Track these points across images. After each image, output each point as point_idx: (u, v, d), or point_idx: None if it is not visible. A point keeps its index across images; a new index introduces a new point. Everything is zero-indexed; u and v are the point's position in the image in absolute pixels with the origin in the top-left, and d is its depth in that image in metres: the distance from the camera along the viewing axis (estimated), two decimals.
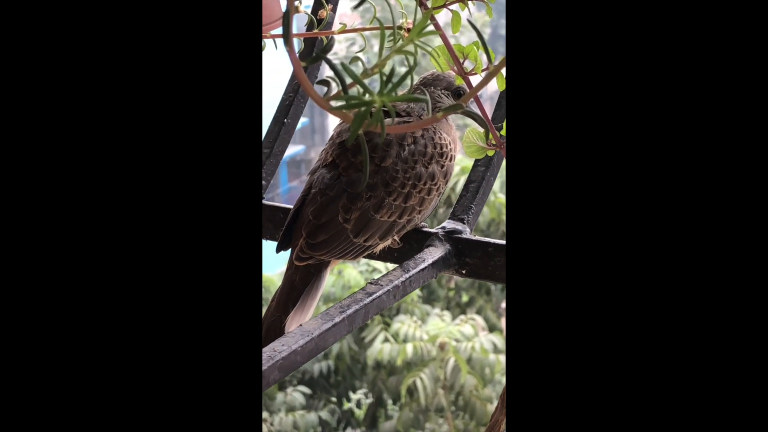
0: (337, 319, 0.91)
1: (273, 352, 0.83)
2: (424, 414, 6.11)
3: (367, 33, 1.04)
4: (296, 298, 1.02)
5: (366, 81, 0.69)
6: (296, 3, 1.16)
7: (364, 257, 1.08)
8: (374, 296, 0.95)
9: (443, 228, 1.08)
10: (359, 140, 0.66)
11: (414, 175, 1.02)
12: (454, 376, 6.00)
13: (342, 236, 1.01)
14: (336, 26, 1.11)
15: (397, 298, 0.99)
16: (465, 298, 6.90)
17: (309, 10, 1.16)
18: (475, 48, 0.91)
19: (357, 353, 6.48)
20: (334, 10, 1.21)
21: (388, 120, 0.79)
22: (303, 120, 1.27)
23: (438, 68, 0.95)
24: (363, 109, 0.62)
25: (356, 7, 0.86)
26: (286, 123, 1.21)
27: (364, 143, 0.67)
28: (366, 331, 6.29)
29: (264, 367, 0.81)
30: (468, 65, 0.94)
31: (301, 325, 0.89)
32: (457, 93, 1.07)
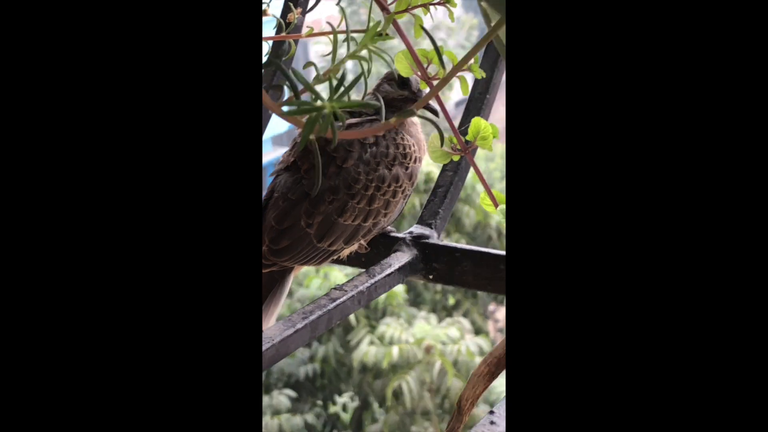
0: (299, 326, 0.90)
1: None
2: (410, 417, 6.11)
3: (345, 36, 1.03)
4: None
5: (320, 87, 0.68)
6: (264, 6, 1.15)
7: (331, 262, 1.07)
8: (338, 302, 0.95)
9: (410, 233, 1.08)
10: (312, 145, 0.66)
11: (377, 177, 1.01)
12: (440, 379, 6.00)
13: (305, 241, 1.00)
14: (306, 30, 1.10)
15: (362, 303, 0.98)
16: (451, 301, 6.90)
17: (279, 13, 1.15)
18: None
19: (343, 356, 6.47)
20: (303, 13, 1.20)
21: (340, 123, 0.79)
22: None
23: (402, 74, 0.94)
24: (313, 114, 0.62)
25: (338, 3, 0.86)
26: None
27: (316, 149, 0.66)
28: (352, 333, 6.28)
29: None
30: (432, 70, 0.93)
31: (262, 331, 0.88)
32: (402, 82, 1.04)
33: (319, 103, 0.62)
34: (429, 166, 5.69)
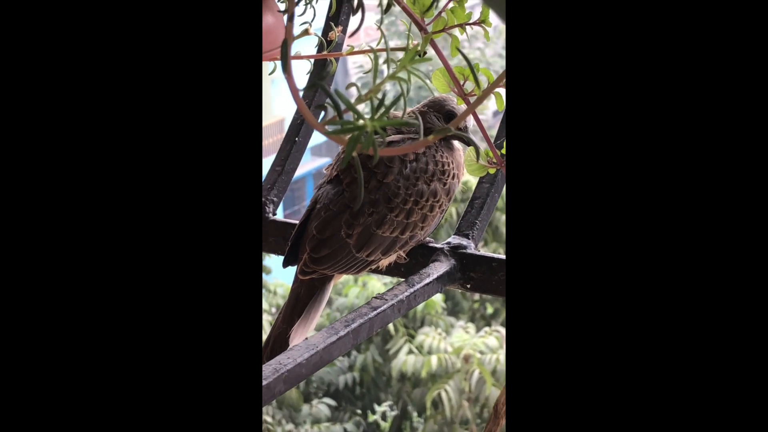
0: (341, 333, 0.94)
1: (278, 365, 0.86)
2: (449, 426, 6.12)
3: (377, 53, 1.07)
4: (301, 311, 1.05)
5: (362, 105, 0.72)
6: (307, 26, 1.19)
7: (370, 272, 1.11)
8: (379, 310, 0.98)
9: (448, 243, 1.11)
10: (355, 162, 0.70)
11: (416, 191, 1.05)
12: (478, 388, 6.00)
13: (345, 251, 1.04)
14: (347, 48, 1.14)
15: (401, 312, 1.02)
16: (490, 310, 6.90)
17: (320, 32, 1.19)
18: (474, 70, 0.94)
19: (381, 365, 6.50)
20: (344, 32, 1.24)
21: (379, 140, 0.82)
22: None
23: (440, 91, 0.98)
24: (356, 133, 0.65)
25: (378, 26, 0.89)
26: (298, 141, 1.24)
27: (358, 165, 0.70)
28: (390, 342, 6.31)
29: (270, 380, 0.84)
30: (469, 87, 0.96)
31: (306, 338, 0.92)
32: (448, 116, 1.09)
33: (361, 122, 0.65)
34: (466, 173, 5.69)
